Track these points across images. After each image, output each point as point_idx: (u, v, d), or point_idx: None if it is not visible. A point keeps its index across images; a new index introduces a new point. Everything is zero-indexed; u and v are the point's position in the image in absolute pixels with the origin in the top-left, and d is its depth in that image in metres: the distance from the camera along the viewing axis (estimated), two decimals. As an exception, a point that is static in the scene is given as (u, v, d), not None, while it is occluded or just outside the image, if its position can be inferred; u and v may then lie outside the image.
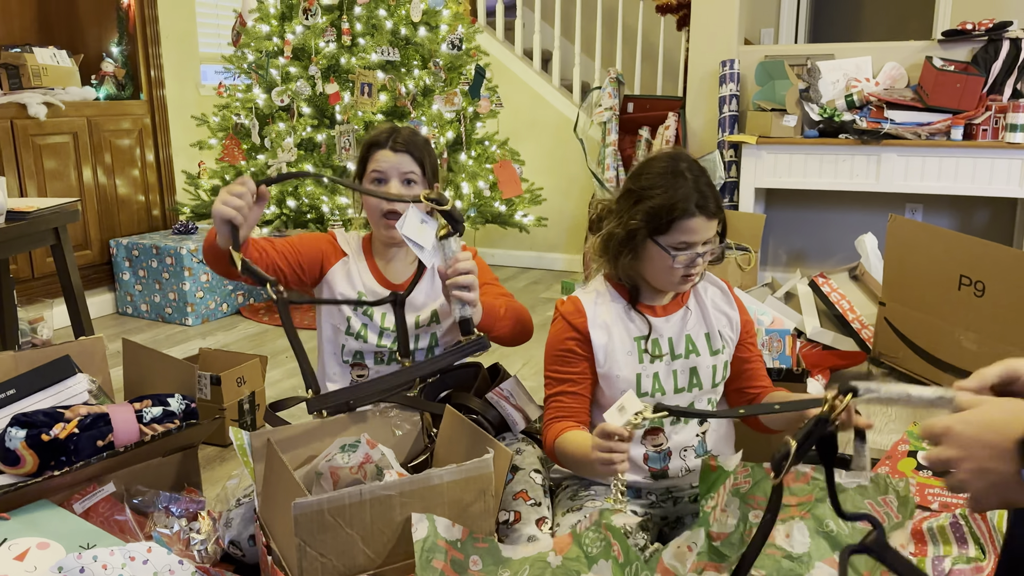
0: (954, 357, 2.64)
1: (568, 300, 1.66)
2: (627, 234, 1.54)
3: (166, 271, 3.59)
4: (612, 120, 4.15)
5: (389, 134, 1.77)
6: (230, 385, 2.32)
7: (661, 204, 1.50)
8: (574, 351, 1.61)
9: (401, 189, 1.75)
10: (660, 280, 1.59)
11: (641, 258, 1.57)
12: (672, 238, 1.51)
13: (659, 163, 1.56)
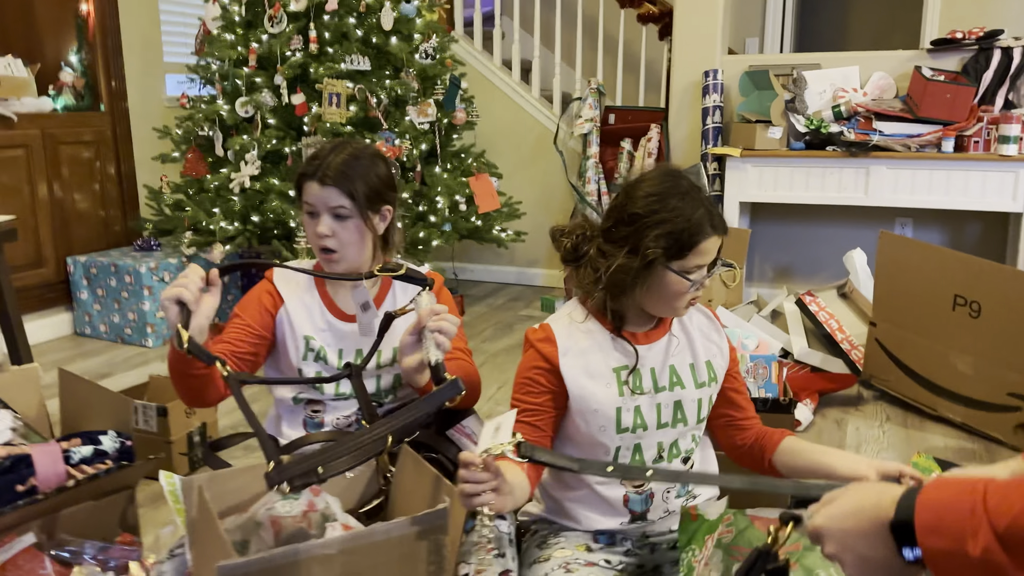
0: (949, 381, 2.52)
1: (540, 327, 1.51)
2: (644, 264, 1.40)
3: (125, 290, 3.42)
4: (593, 132, 4.02)
5: (318, 165, 1.63)
6: (178, 416, 2.16)
7: (682, 228, 1.37)
8: (538, 382, 1.47)
9: (332, 224, 1.61)
10: (664, 307, 1.46)
11: (650, 288, 1.43)
12: (688, 262, 1.39)
13: (658, 184, 1.43)
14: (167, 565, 1.49)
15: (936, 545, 0.70)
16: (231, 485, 1.50)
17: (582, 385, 1.45)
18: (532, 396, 1.48)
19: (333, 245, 1.61)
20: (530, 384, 1.48)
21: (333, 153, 1.63)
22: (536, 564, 1.44)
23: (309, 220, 1.63)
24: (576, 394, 1.45)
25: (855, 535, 0.79)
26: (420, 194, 3.47)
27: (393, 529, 1.25)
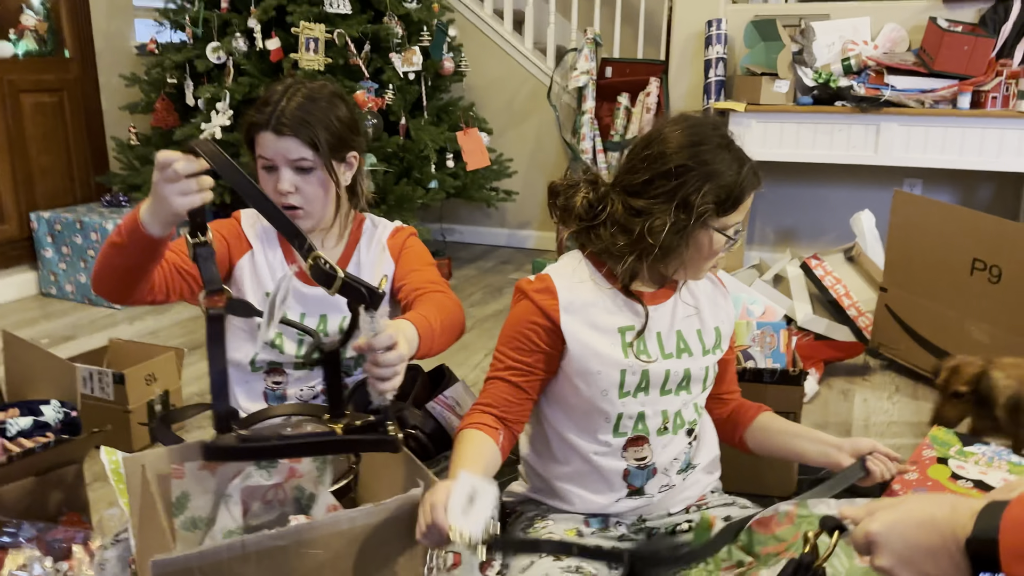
0: (962, 349, 2.35)
1: (537, 278, 1.35)
2: (695, 220, 1.25)
3: (92, 248, 3.23)
4: (589, 85, 3.82)
5: (271, 112, 1.41)
6: (136, 383, 1.99)
7: (733, 182, 1.25)
8: (530, 339, 1.32)
9: (293, 179, 1.42)
10: (692, 268, 1.33)
11: (687, 246, 1.29)
12: (731, 219, 1.28)
13: (698, 133, 1.27)
14: (110, 552, 1.35)
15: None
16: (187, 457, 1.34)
17: (585, 343, 1.29)
18: (522, 353, 1.33)
19: (297, 202, 1.43)
20: (521, 340, 1.33)
21: (286, 97, 1.44)
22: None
23: (266, 175, 1.44)
24: (577, 353, 1.29)
25: (920, 550, 0.64)
26: (405, 149, 3.28)
27: (358, 517, 1.10)
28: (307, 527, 1.07)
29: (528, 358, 1.32)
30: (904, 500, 0.69)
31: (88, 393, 1.97)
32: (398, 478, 1.25)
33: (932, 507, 0.66)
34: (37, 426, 1.53)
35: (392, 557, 1.13)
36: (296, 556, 1.07)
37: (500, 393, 1.33)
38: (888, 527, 0.68)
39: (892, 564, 0.67)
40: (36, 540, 1.47)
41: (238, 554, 1.03)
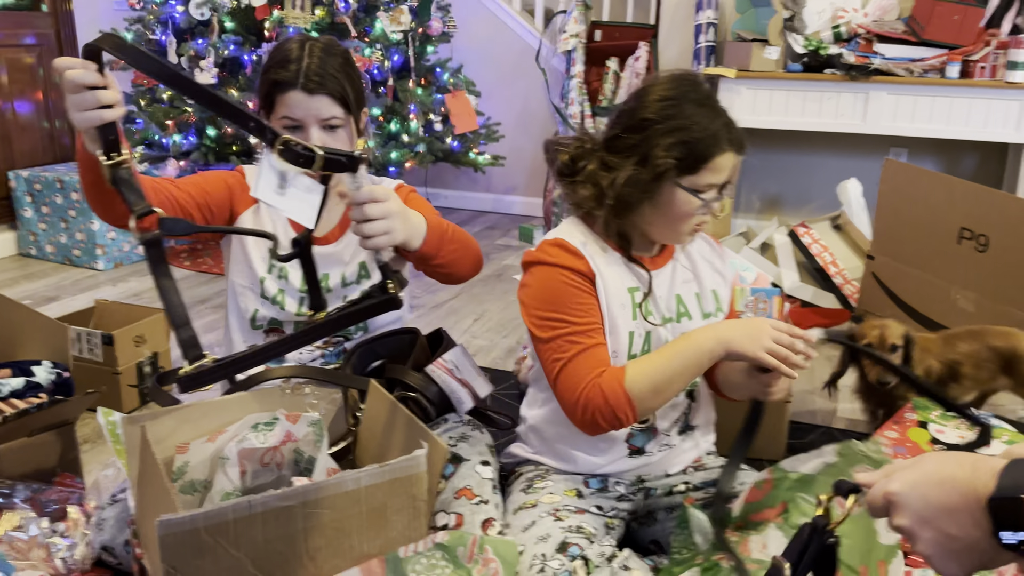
0: (947, 318, 2.40)
1: (549, 245, 1.31)
2: (654, 176, 1.23)
3: (72, 208, 3.17)
4: (578, 49, 3.78)
5: (297, 67, 1.37)
6: (125, 344, 1.97)
7: (697, 138, 1.21)
8: (583, 296, 1.27)
9: (322, 137, 1.40)
10: (666, 231, 1.30)
11: (656, 204, 1.26)
12: (700, 179, 1.24)
13: (673, 87, 1.26)
14: (108, 511, 1.35)
15: None
16: (179, 424, 1.33)
17: (607, 302, 1.28)
18: (585, 313, 1.25)
19: None
20: (576, 301, 1.25)
21: (308, 53, 1.40)
22: (522, 511, 1.31)
23: (289, 134, 1.41)
24: (603, 308, 1.28)
25: (940, 509, 0.64)
26: (392, 111, 3.24)
27: (363, 478, 1.10)
28: (313, 488, 1.07)
29: (587, 313, 1.26)
30: (922, 459, 0.69)
31: (76, 354, 1.95)
32: (399, 440, 1.25)
33: (952, 466, 0.66)
34: (29, 387, 1.51)
35: (396, 517, 1.14)
36: (302, 516, 1.07)
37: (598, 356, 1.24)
38: (908, 487, 0.68)
39: (912, 524, 0.67)
40: (30, 501, 1.46)
41: (244, 514, 1.03)
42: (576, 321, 1.25)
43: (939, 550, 0.65)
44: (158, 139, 3.07)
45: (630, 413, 1.21)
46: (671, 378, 1.23)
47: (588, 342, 1.24)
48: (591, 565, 1.16)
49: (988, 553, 0.63)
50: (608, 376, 1.22)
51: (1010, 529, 0.59)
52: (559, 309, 1.26)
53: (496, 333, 2.60)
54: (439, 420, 1.48)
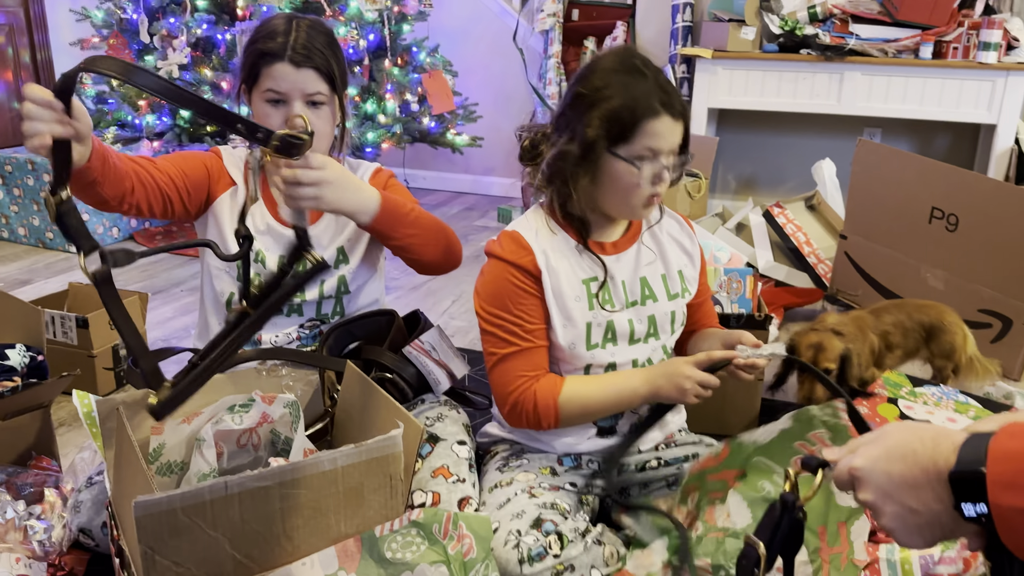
0: (917, 296, 2.43)
1: (504, 237, 1.35)
2: (583, 149, 1.23)
3: (44, 189, 3.13)
4: (555, 28, 3.77)
5: (285, 39, 1.37)
6: (100, 327, 1.96)
7: (621, 105, 1.22)
8: (525, 297, 1.31)
9: (306, 112, 1.39)
10: (620, 205, 1.31)
11: (598, 180, 1.27)
12: (635, 147, 1.23)
13: (608, 60, 1.27)
14: (85, 494, 1.35)
15: (1014, 503, 0.57)
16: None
17: (555, 296, 1.31)
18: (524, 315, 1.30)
19: None
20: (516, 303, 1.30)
21: (295, 28, 1.40)
22: (497, 489, 1.33)
23: (271, 109, 1.39)
24: (549, 305, 1.31)
25: (901, 483, 0.66)
26: (368, 91, 3.21)
27: (340, 458, 1.11)
28: (290, 468, 1.08)
29: (530, 316, 1.30)
30: (885, 434, 0.71)
31: (51, 337, 1.93)
32: (375, 420, 1.26)
33: (914, 441, 0.67)
34: (3, 370, 1.50)
35: (373, 496, 1.15)
36: (279, 496, 1.08)
37: (532, 362, 1.31)
38: (871, 462, 0.69)
39: (875, 498, 0.68)
40: (6, 484, 1.45)
41: (221, 495, 1.04)
42: (515, 321, 1.30)
43: (902, 524, 0.67)
44: (131, 120, 3.03)
45: (553, 424, 1.32)
46: (600, 407, 1.34)
47: (525, 344, 1.30)
48: (565, 540, 1.18)
49: (949, 526, 0.64)
50: (544, 385, 1.30)
51: (970, 502, 0.61)
52: (503, 307, 1.31)
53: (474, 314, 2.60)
54: (416, 400, 1.49)
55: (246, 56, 1.42)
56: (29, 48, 3.47)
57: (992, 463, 0.59)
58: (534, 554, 1.16)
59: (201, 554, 1.05)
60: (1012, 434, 0.60)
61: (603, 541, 1.24)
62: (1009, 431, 0.60)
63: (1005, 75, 3.03)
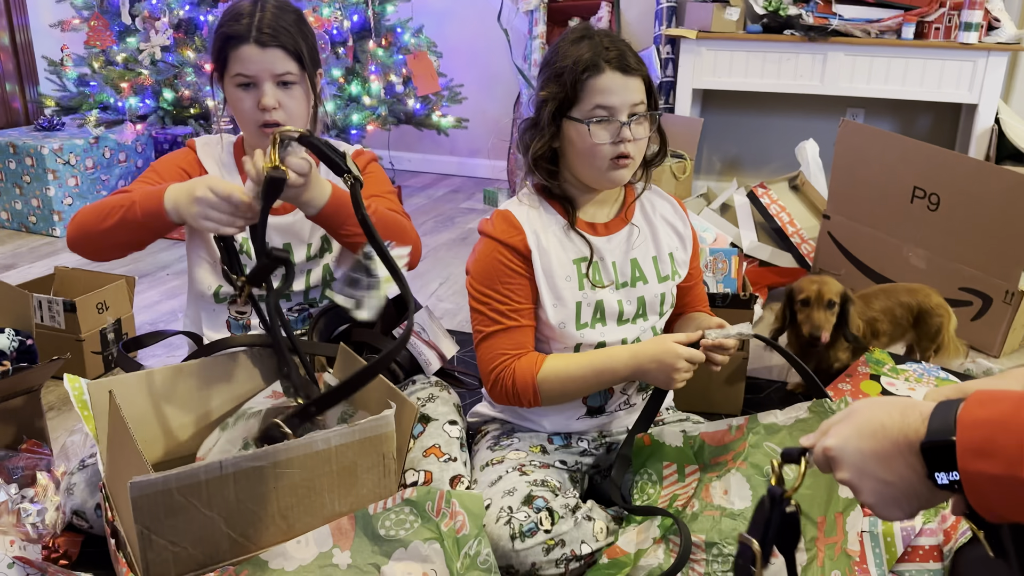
0: (900, 275, 2.47)
1: (496, 216, 1.36)
2: (538, 116, 1.29)
3: (27, 173, 3.10)
4: (540, 9, 3.76)
5: (249, 21, 1.36)
6: (88, 311, 1.95)
7: (566, 66, 1.26)
8: (513, 276, 1.33)
9: (277, 94, 1.39)
10: (588, 171, 1.32)
11: (562, 149, 1.31)
12: (585, 105, 1.27)
13: (568, 34, 1.32)
14: (78, 476, 1.35)
15: (984, 469, 0.59)
16: (148, 390, 1.34)
17: (546, 275, 1.33)
18: (513, 296, 1.33)
19: (280, 118, 1.38)
20: (504, 282, 1.32)
21: (260, 8, 1.39)
22: (489, 467, 1.35)
23: (242, 93, 1.38)
24: (539, 284, 1.32)
25: (874, 459, 0.67)
26: (352, 72, 3.20)
27: (333, 437, 1.13)
28: (283, 448, 1.09)
29: (519, 296, 1.33)
30: (853, 411, 0.71)
31: (39, 322, 1.93)
32: (369, 400, 1.28)
33: (882, 415, 0.68)
34: (-8, 355, 1.50)
35: (366, 475, 1.17)
36: (273, 476, 1.09)
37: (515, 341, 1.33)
38: (843, 441, 0.70)
39: (851, 476, 0.69)
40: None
41: (216, 475, 1.05)
42: (504, 300, 1.32)
43: (879, 498, 0.68)
44: (114, 102, 3.01)
45: (533, 401, 1.33)
46: (581, 387, 1.34)
47: (509, 323, 1.32)
48: (556, 516, 1.21)
49: (925, 495, 0.66)
50: (524, 363, 1.32)
51: (943, 470, 0.63)
52: (491, 286, 1.33)
53: (462, 296, 2.62)
54: (407, 381, 1.51)
55: (214, 42, 1.41)
56: (8, 30, 3.42)
57: (961, 431, 0.60)
58: (525, 530, 1.18)
59: (197, 533, 1.06)
60: (981, 402, 0.61)
61: (593, 517, 1.26)
62: (978, 399, 0.62)
63: (986, 55, 3.06)
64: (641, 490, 1.35)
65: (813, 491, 1.22)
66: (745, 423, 1.31)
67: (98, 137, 3.18)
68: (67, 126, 3.37)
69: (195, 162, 1.48)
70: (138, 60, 2.91)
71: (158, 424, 1.35)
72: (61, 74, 3.19)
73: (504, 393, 1.34)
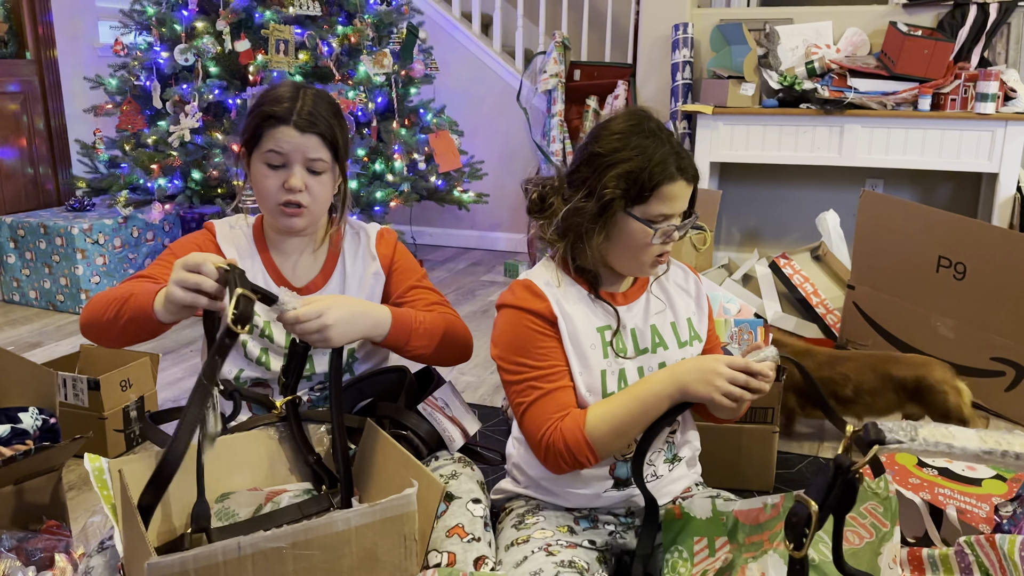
0: (928, 345, 2.43)
1: (517, 286, 1.35)
2: (600, 207, 1.26)
3: (56, 253, 3.17)
4: (558, 88, 3.85)
5: (291, 105, 1.39)
6: (112, 389, 1.96)
7: (640, 167, 1.24)
8: (543, 340, 1.30)
9: (306, 178, 1.40)
10: (629, 263, 1.32)
11: (612, 237, 1.29)
12: (651, 208, 1.26)
13: (623, 122, 1.30)
14: (96, 559, 1.32)
15: None
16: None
17: (571, 344, 1.31)
18: (546, 358, 1.30)
19: (305, 200, 1.39)
20: (537, 346, 1.30)
21: (300, 95, 1.42)
22: (514, 547, 1.31)
23: (269, 172, 1.39)
24: (569, 350, 1.31)
25: None
26: (376, 152, 3.27)
27: (353, 518, 1.10)
28: (303, 528, 1.07)
29: (551, 357, 1.30)
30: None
31: (62, 400, 1.93)
32: (393, 476, 1.26)
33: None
34: (15, 433, 1.50)
35: (387, 557, 1.13)
36: (292, 558, 1.06)
37: (557, 401, 1.29)
38: None
39: None
40: (16, 550, 1.44)
41: (233, 556, 1.03)
42: (539, 366, 1.29)
43: None
44: (143, 183, 3.08)
45: (591, 457, 1.27)
46: (631, 423, 1.28)
47: (549, 387, 1.28)
48: (584, 599, 1.16)
49: None
50: (569, 421, 1.27)
51: None
52: (523, 354, 1.30)
53: (483, 369, 2.60)
54: (429, 458, 1.48)
55: (250, 119, 1.42)
56: (43, 115, 3.54)
57: None
58: (553, 614, 1.14)
59: (214, 618, 1.03)
60: None
61: (622, 600, 1.22)
62: None
63: (1004, 125, 3.07)
64: (672, 568, 1.30)
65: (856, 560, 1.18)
66: (781, 501, 1.27)
67: (127, 217, 3.25)
68: (97, 207, 3.45)
69: (212, 243, 1.48)
70: (168, 142, 2.99)
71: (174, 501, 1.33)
72: (93, 156, 3.28)
73: (559, 457, 1.28)
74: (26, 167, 3.49)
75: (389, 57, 3.21)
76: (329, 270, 1.51)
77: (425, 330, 1.44)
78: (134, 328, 1.34)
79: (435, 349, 1.46)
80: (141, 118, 3.15)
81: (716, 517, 1.28)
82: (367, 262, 1.52)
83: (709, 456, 1.54)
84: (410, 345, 1.42)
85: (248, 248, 1.50)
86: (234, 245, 1.49)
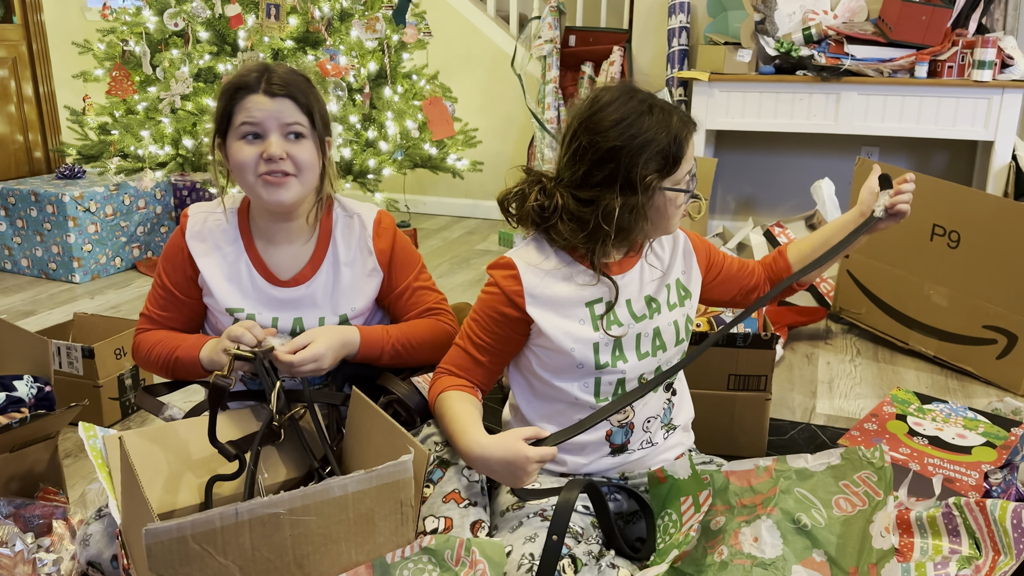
0: (923, 313, 2.45)
1: (504, 262, 1.35)
2: (647, 195, 1.26)
3: (47, 221, 3.14)
4: (553, 54, 3.81)
5: (260, 74, 1.35)
6: (106, 357, 1.96)
7: (667, 142, 1.26)
8: (499, 323, 1.35)
9: (285, 145, 1.35)
10: (662, 228, 1.35)
11: (650, 216, 1.30)
12: (680, 173, 1.30)
13: (621, 108, 1.27)
14: (94, 526, 1.34)
15: None
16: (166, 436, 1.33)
17: (555, 325, 1.31)
18: (487, 334, 1.36)
19: (289, 168, 1.35)
20: (490, 323, 1.35)
21: (268, 66, 1.39)
22: (509, 512, 1.32)
23: (247, 145, 1.35)
24: (549, 334, 1.31)
25: None
26: (369, 119, 3.24)
27: (350, 484, 1.11)
28: (300, 495, 1.07)
29: (491, 338, 1.36)
30: None
31: (56, 368, 1.93)
32: (384, 446, 1.26)
33: None
34: (11, 401, 1.50)
35: (384, 523, 1.14)
36: (289, 523, 1.07)
37: (468, 364, 1.38)
38: None
39: None
40: (13, 516, 1.45)
41: (231, 522, 1.04)
42: (482, 337, 1.36)
43: None
44: (133, 150, 3.05)
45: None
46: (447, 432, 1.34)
47: (473, 351, 1.37)
48: (579, 563, 1.18)
49: None
50: (442, 382, 1.38)
51: None
52: (476, 323, 1.37)
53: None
54: (422, 425, 1.49)
55: (220, 101, 1.38)
56: (32, 81, 3.49)
57: None
58: (548, 578, 1.15)
59: (213, 583, 1.04)
60: None
61: (617, 564, 1.23)
62: None
63: (1000, 92, 3.05)
64: (664, 531, 1.33)
65: (845, 540, 1.19)
66: (773, 464, 1.29)
67: (118, 184, 3.23)
68: (88, 174, 3.42)
69: (182, 249, 1.46)
70: (158, 109, 2.96)
71: (170, 475, 1.34)
72: (83, 123, 3.24)
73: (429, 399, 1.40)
74: (15, 134, 3.45)
75: (382, 22, 3.16)
76: (318, 261, 1.46)
77: (403, 346, 1.48)
78: (185, 375, 1.47)
79: (412, 358, 1.50)
80: (131, 84, 3.11)
81: (696, 475, 1.31)
82: (363, 257, 1.48)
83: (702, 423, 1.56)
84: (382, 361, 1.47)
85: (230, 236, 1.46)
86: (208, 244, 1.45)
